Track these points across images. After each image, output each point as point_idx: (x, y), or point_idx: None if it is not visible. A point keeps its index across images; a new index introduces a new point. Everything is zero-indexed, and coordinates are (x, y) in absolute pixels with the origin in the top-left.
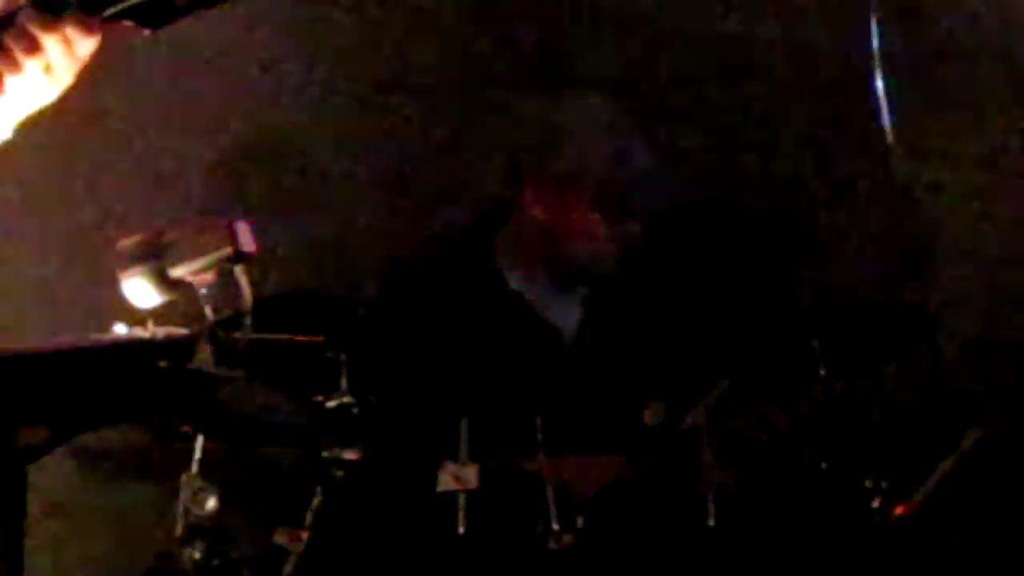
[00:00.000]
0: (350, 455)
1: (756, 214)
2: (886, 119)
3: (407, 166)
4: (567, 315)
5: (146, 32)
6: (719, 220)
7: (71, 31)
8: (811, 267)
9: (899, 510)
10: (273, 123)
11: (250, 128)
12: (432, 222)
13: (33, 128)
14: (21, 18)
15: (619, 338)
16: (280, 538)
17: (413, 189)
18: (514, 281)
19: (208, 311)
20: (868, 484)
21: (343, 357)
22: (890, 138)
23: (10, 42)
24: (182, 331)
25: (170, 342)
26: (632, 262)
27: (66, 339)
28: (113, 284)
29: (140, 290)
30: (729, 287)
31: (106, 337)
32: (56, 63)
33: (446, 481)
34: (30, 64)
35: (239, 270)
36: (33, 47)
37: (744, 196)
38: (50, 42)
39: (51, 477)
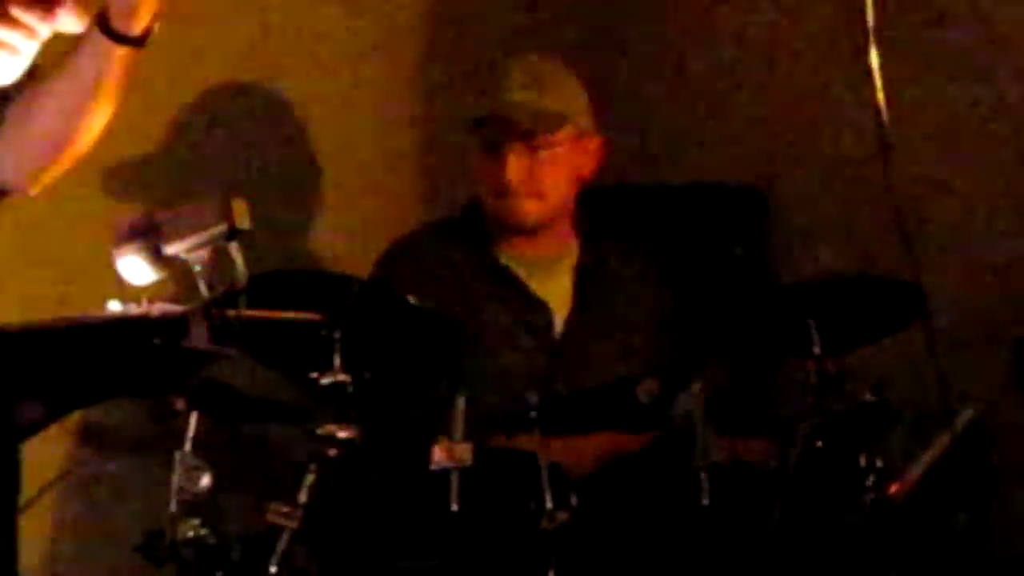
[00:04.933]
0: (344, 433)
1: (747, 192)
2: (879, 93)
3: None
4: (558, 291)
5: None
6: (708, 198)
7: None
8: (803, 244)
9: (893, 488)
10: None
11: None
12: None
13: None
14: None
15: (612, 314)
16: (274, 516)
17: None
18: (504, 257)
19: (203, 288)
20: (862, 462)
21: (337, 334)
22: (883, 114)
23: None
24: (176, 308)
25: (164, 319)
26: (622, 240)
27: (61, 316)
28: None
29: (135, 267)
30: (721, 265)
31: (100, 314)
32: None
33: (440, 458)
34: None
35: (234, 247)
36: (46, 15)
37: (732, 173)
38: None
39: (46, 453)
